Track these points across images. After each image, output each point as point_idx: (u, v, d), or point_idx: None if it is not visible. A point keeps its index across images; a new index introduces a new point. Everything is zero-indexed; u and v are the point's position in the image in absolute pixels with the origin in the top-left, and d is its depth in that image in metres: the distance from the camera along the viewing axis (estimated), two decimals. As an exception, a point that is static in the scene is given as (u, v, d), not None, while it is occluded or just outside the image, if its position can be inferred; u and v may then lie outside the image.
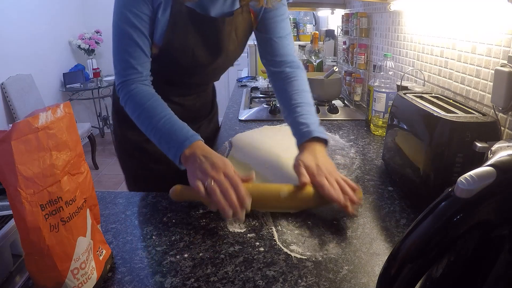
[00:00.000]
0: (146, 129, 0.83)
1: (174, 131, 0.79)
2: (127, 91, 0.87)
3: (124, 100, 0.88)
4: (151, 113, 0.83)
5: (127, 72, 0.88)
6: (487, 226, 0.39)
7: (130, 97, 0.86)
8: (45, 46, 3.58)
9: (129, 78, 0.88)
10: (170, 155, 0.78)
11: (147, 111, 0.83)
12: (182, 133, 0.79)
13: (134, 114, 0.85)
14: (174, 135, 0.79)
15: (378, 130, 1.23)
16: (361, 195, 0.74)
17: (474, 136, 0.67)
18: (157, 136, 0.80)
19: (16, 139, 0.44)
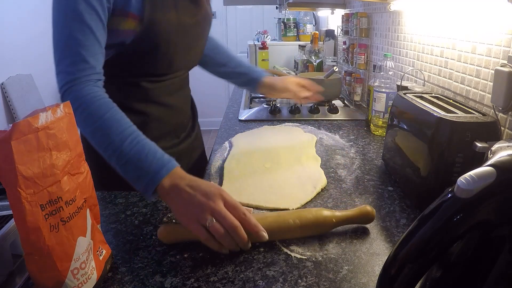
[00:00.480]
0: (105, 150, 0.66)
1: (145, 155, 0.64)
2: (78, 95, 0.68)
3: (72, 106, 0.60)
4: (112, 129, 0.66)
5: (77, 67, 0.69)
6: (487, 226, 0.39)
7: (83, 105, 0.68)
8: (45, 46, 3.56)
9: (79, 76, 0.69)
10: (138, 186, 0.63)
11: (107, 127, 0.66)
12: (155, 158, 0.64)
13: (87, 128, 0.68)
14: (145, 161, 0.63)
15: (378, 130, 1.23)
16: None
17: (474, 136, 0.67)
18: (121, 160, 0.64)
19: (16, 139, 0.44)
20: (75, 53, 0.69)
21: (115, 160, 0.65)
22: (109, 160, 0.67)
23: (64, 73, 0.70)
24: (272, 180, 0.87)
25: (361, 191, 0.84)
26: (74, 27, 0.68)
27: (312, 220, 0.65)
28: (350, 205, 0.78)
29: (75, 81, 0.70)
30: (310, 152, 1.04)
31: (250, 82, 1.16)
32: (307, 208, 0.68)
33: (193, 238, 0.64)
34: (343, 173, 0.93)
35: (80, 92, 0.69)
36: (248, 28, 4.20)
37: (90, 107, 0.68)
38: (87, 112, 0.68)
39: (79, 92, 0.69)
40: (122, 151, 0.64)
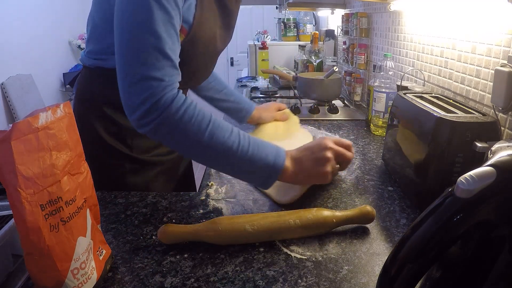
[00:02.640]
0: (222, 154, 0.67)
1: (262, 147, 0.69)
2: (169, 104, 0.64)
3: (166, 121, 0.64)
4: (225, 134, 0.67)
5: (167, 72, 0.65)
6: (487, 226, 0.39)
7: (178, 113, 0.65)
8: (45, 46, 3.58)
9: (170, 84, 0.65)
10: (260, 176, 0.70)
11: (218, 131, 0.66)
12: (269, 147, 0.71)
13: (193, 136, 0.66)
14: (263, 153, 0.68)
15: (378, 130, 1.23)
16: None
17: (474, 136, 0.67)
18: (241, 160, 0.67)
19: (16, 139, 0.44)
20: (165, 57, 0.64)
21: (233, 161, 0.67)
22: (223, 164, 0.69)
23: (149, 80, 0.63)
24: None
25: (361, 191, 0.84)
26: (162, 27, 0.63)
27: (312, 220, 0.65)
28: (350, 205, 0.78)
29: (166, 88, 0.64)
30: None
31: (242, 111, 1.19)
32: (307, 208, 0.69)
33: (193, 238, 0.64)
34: (343, 173, 0.93)
35: (177, 101, 0.65)
36: (248, 28, 4.20)
37: (195, 116, 0.65)
38: (192, 122, 0.65)
39: (176, 100, 0.65)
40: (242, 149, 0.67)
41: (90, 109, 0.88)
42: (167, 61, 0.65)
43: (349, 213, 0.68)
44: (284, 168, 0.70)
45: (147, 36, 0.63)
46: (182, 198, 0.81)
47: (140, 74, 0.63)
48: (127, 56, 0.64)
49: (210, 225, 0.63)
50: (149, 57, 0.63)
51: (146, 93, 0.64)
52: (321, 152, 0.73)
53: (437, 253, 0.39)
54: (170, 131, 0.65)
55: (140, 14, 0.63)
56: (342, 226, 0.68)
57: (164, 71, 0.64)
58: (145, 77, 0.63)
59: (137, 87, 0.64)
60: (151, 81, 0.64)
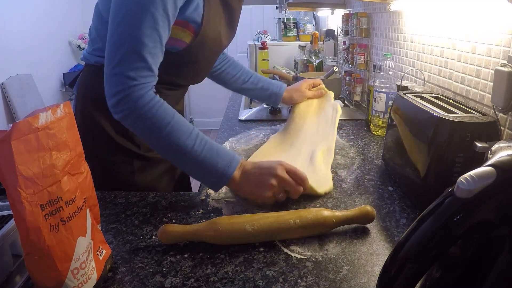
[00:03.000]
0: (174, 152, 0.72)
1: (215, 153, 0.73)
2: (137, 99, 0.69)
3: (133, 112, 0.70)
4: (181, 133, 0.71)
5: (141, 73, 0.69)
6: (487, 226, 0.39)
7: (147, 111, 0.70)
8: (45, 46, 3.58)
9: (140, 82, 0.69)
10: (209, 180, 0.74)
11: (176, 131, 0.71)
12: (224, 154, 0.74)
13: (153, 131, 0.71)
14: (216, 159, 0.72)
15: (378, 130, 1.23)
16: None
17: (474, 136, 0.67)
18: (192, 160, 0.72)
19: (16, 139, 0.44)
20: (141, 59, 0.69)
21: (186, 161, 0.72)
22: (175, 160, 0.74)
23: (123, 77, 0.69)
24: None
25: (361, 191, 0.84)
26: (145, 32, 0.67)
27: (312, 220, 0.65)
28: (350, 205, 0.78)
29: (135, 87, 0.69)
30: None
31: (272, 96, 1.21)
32: (307, 208, 0.69)
33: (193, 238, 0.64)
34: (343, 173, 0.93)
35: (142, 99, 0.69)
36: (248, 28, 4.20)
37: (157, 114, 0.70)
38: (154, 119, 0.70)
39: (141, 98, 0.69)
40: (195, 152, 0.71)
41: (95, 107, 0.88)
42: (142, 63, 0.70)
43: (349, 213, 0.68)
44: (231, 178, 0.74)
45: (129, 38, 0.68)
46: (182, 198, 0.81)
47: (117, 69, 0.70)
48: (110, 51, 0.70)
49: (210, 225, 0.63)
50: (126, 57, 0.69)
51: (118, 87, 0.70)
52: (267, 177, 0.73)
53: (437, 253, 0.39)
54: (134, 123, 0.72)
55: (127, 17, 0.68)
56: (342, 226, 0.68)
57: (138, 72, 0.70)
58: (120, 73, 0.69)
59: (112, 80, 0.71)
60: (125, 78, 0.69)
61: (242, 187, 0.75)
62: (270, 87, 1.20)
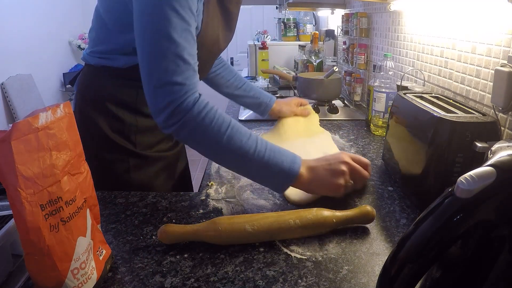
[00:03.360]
0: (239, 157, 0.70)
1: (279, 154, 0.72)
2: (189, 108, 0.69)
3: (188, 124, 0.69)
4: (242, 138, 0.70)
5: (192, 80, 0.70)
6: (487, 226, 0.39)
7: (200, 117, 0.69)
8: (45, 46, 3.58)
9: (190, 89, 0.69)
10: (275, 181, 0.72)
11: (237, 136, 0.69)
12: (285, 154, 0.73)
13: (212, 139, 0.70)
14: (279, 159, 0.71)
15: (378, 130, 1.23)
16: None
17: (474, 136, 0.67)
18: (258, 164, 0.70)
19: (16, 139, 0.44)
20: (185, 62, 0.68)
21: (250, 164, 0.70)
22: (240, 166, 0.73)
23: (171, 85, 0.68)
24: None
25: (361, 191, 0.83)
26: (178, 32, 0.67)
27: (312, 220, 0.65)
28: (350, 205, 0.78)
29: (187, 93, 0.69)
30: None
31: (262, 104, 1.24)
32: (307, 208, 0.69)
33: (193, 238, 0.64)
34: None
35: (198, 105, 0.69)
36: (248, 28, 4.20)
37: (215, 119, 0.69)
38: (213, 125, 0.69)
39: (197, 105, 0.69)
40: (258, 153, 0.70)
41: (93, 107, 0.89)
42: (187, 65, 0.69)
43: (349, 213, 0.68)
44: (298, 175, 0.72)
45: (167, 44, 0.67)
46: (182, 198, 0.81)
47: (163, 80, 0.68)
48: (150, 65, 0.69)
49: (210, 225, 0.63)
50: (170, 64, 0.68)
51: (169, 98, 0.68)
52: (337, 165, 0.74)
53: (437, 253, 0.39)
54: (191, 132, 0.70)
55: (159, 24, 0.67)
56: (342, 226, 0.68)
57: (185, 75, 0.69)
58: (168, 82, 0.68)
59: (161, 92, 0.69)
60: (174, 86, 0.68)
61: (311, 182, 0.73)
62: (261, 96, 1.23)
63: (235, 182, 0.89)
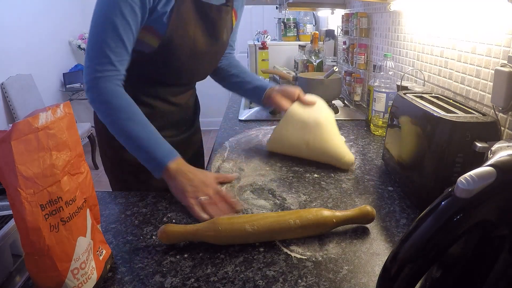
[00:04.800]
0: (124, 136, 0.82)
1: (159, 143, 0.82)
2: (103, 90, 0.83)
3: (96, 98, 0.83)
4: (131, 120, 0.82)
5: (104, 67, 0.83)
6: (487, 226, 0.39)
7: (107, 98, 0.83)
8: (45, 46, 3.58)
9: (104, 75, 0.83)
10: (150, 164, 0.81)
11: (127, 118, 0.82)
12: (166, 146, 0.83)
13: (108, 118, 0.83)
14: (158, 147, 0.81)
15: (378, 130, 1.23)
16: None
17: (474, 136, 0.67)
18: (136, 145, 0.81)
19: (16, 139, 0.44)
20: (105, 56, 0.82)
21: (131, 144, 0.82)
22: (125, 144, 0.83)
23: (92, 69, 0.83)
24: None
25: (361, 191, 0.84)
26: (108, 35, 0.81)
27: (312, 220, 0.65)
28: (350, 205, 0.78)
29: (100, 78, 0.82)
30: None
31: (258, 88, 1.14)
32: (307, 208, 0.69)
33: (193, 238, 0.64)
34: (343, 173, 0.93)
35: (105, 88, 0.83)
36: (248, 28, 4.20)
37: (113, 101, 0.83)
38: (110, 106, 0.82)
39: (102, 85, 0.82)
40: (139, 138, 0.81)
41: None
42: (105, 59, 0.83)
43: (349, 213, 0.68)
44: (165, 167, 0.79)
45: (97, 39, 0.83)
46: (182, 198, 0.81)
47: (88, 63, 0.85)
48: (87, 49, 0.85)
49: (210, 225, 0.63)
50: (94, 54, 0.83)
51: (88, 77, 0.84)
52: (201, 185, 0.79)
53: (437, 253, 0.39)
54: (98, 108, 0.85)
55: (96, 23, 0.84)
56: (342, 226, 0.68)
57: (103, 66, 0.83)
58: (90, 66, 0.84)
59: (85, 71, 0.85)
60: (93, 70, 0.83)
61: (172, 182, 0.79)
62: (259, 82, 1.16)
63: (235, 182, 0.89)
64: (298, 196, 0.81)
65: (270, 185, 0.87)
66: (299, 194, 0.82)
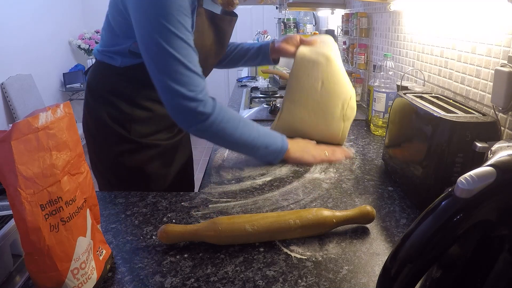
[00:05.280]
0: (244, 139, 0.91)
1: (272, 135, 0.96)
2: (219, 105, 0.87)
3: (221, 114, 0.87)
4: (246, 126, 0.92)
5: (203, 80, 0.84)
6: (487, 226, 0.39)
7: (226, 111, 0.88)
8: (45, 46, 3.58)
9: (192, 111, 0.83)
10: (272, 154, 0.95)
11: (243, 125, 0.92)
12: (276, 135, 0.97)
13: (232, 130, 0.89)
14: (273, 138, 0.96)
15: (378, 130, 1.23)
16: None
17: (474, 136, 0.67)
18: (257, 143, 0.92)
19: (16, 139, 0.44)
20: (193, 71, 0.84)
21: (252, 144, 0.92)
22: (242, 145, 0.92)
23: (191, 101, 0.83)
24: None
25: (361, 191, 0.84)
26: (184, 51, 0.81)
27: (312, 220, 0.65)
28: (350, 205, 0.78)
29: (203, 103, 0.85)
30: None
31: (262, 47, 1.20)
32: (307, 208, 0.69)
33: (193, 238, 0.64)
34: (343, 173, 0.93)
35: (217, 111, 0.87)
36: (248, 28, 4.20)
37: (231, 120, 0.89)
38: (231, 125, 0.89)
39: (216, 110, 0.86)
40: (259, 137, 0.93)
41: (97, 97, 1.00)
42: (192, 73, 0.84)
43: (349, 213, 0.68)
44: (288, 146, 0.96)
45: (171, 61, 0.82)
46: (182, 198, 0.81)
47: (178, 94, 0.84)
48: (162, 82, 0.84)
49: (210, 225, 0.63)
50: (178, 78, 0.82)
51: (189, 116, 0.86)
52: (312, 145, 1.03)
53: (437, 253, 0.39)
54: (211, 136, 0.90)
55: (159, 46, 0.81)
56: (342, 226, 0.68)
57: (194, 84, 0.84)
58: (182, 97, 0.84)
59: (178, 109, 0.87)
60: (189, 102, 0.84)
61: (295, 153, 0.97)
62: (259, 43, 1.22)
63: (235, 182, 0.89)
64: (298, 196, 0.81)
65: (270, 185, 0.87)
66: (299, 194, 0.82)
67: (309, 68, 1.06)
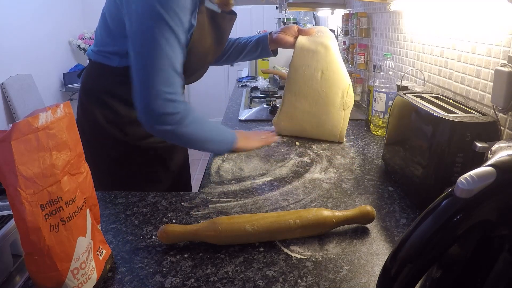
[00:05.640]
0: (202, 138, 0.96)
1: (223, 130, 1.04)
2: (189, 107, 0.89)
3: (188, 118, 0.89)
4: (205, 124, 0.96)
5: (179, 87, 0.86)
6: (487, 226, 0.39)
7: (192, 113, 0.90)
8: (45, 46, 3.58)
9: (165, 112, 0.85)
10: (224, 146, 1.02)
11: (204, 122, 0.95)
12: (226, 130, 1.05)
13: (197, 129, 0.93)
14: (225, 132, 1.03)
15: (378, 130, 1.23)
16: None
17: (474, 136, 0.67)
18: (209, 137, 0.97)
19: (16, 139, 0.44)
20: (177, 73, 0.86)
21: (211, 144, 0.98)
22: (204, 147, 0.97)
23: (168, 96, 0.85)
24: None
25: (361, 191, 0.84)
26: (174, 49, 0.83)
27: (312, 220, 0.65)
28: (350, 205, 0.78)
29: (177, 103, 0.87)
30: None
31: (261, 39, 1.20)
32: (307, 208, 0.69)
33: (193, 238, 0.64)
34: (343, 173, 0.93)
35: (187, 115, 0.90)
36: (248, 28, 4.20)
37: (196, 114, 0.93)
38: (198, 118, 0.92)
39: (187, 115, 0.90)
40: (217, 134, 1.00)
41: (92, 98, 0.98)
42: (177, 75, 0.85)
43: (349, 213, 0.68)
44: (235, 143, 1.02)
45: (161, 58, 0.83)
46: (182, 198, 0.81)
47: (158, 90, 0.85)
48: (144, 76, 0.84)
49: (210, 225, 0.63)
50: (164, 75, 0.84)
51: (162, 109, 0.86)
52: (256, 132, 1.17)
53: (437, 253, 0.39)
54: (174, 138, 0.92)
55: (154, 41, 0.82)
56: (342, 226, 0.68)
57: (176, 84, 0.86)
58: (162, 92, 0.85)
59: (155, 103, 0.86)
60: (167, 96, 0.85)
61: (242, 142, 1.03)
62: (257, 36, 1.22)
63: (235, 182, 0.89)
64: (298, 196, 0.81)
65: (270, 185, 0.87)
66: (299, 194, 0.82)
67: (308, 58, 1.07)
